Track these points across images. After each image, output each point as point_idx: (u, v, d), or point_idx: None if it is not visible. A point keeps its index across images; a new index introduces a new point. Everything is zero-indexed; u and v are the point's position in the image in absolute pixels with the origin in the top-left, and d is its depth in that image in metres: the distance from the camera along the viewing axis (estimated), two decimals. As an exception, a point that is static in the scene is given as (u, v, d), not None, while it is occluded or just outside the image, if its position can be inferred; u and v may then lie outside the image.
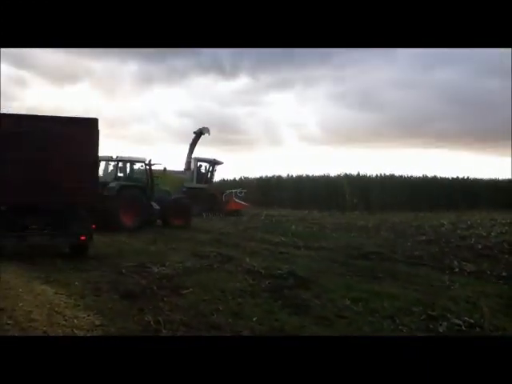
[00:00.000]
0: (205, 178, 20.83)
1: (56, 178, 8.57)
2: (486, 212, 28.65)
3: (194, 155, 21.09)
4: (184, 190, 18.27)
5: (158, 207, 15.08)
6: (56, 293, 5.97)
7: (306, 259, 9.03)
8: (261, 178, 32.57)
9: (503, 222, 20.17)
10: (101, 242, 11.57)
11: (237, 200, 22.76)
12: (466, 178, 35.41)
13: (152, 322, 4.62)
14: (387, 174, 32.34)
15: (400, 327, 4.51)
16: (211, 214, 20.32)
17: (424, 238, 13.05)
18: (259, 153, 63.71)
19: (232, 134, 52.21)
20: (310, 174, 31.78)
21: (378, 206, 29.00)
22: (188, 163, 20.61)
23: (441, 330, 4.37)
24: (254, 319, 4.78)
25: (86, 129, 9.08)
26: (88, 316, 4.92)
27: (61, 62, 49.66)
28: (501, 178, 38.67)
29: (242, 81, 55.90)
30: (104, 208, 12.60)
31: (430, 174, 33.73)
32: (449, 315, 4.76)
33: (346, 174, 30.99)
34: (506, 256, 9.58)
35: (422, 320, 4.72)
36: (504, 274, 7.52)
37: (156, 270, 7.62)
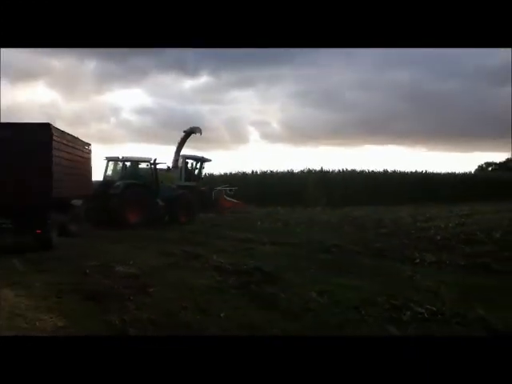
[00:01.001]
0: (193, 176, 20.29)
1: (2, 181, 9.48)
2: (443, 205, 29.79)
3: (181, 153, 20.77)
4: (174, 187, 18.07)
5: (163, 204, 15.69)
6: (17, 295, 5.79)
7: (271, 255, 9.11)
8: (225, 174, 32.52)
9: (460, 213, 21.02)
10: (65, 242, 11.33)
11: (227, 198, 22.44)
12: (424, 172, 36.63)
13: (117, 322, 4.55)
14: (349, 169, 33.00)
15: (365, 317, 4.64)
16: (203, 212, 19.34)
17: (385, 230, 13.41)
18: (223, 150, 63.67)
19: (194, 131, 51.85)
20: (274, 171, 31.97)
21: (340, 201, 29.51)
22: (175, 161, 20.26)
23: (404, 319, 4.52)
24: (222, 315, 4.80)
25: (34, 134, 9.83)
26: (50, 318, 4.80)
27: (17, 60, 47.83)
28: (457, 171, 40.38)
29: (204, 79, 55.65)
30: (110, 206, 14.20)
31: (390, 169, 34.64)
32: (412, 304, 4.93)
33: (309, 170, 31.37)
34: (463, 246, 10.00)
35: (386, 310, 4.87)
36: (462, 263, 7.83)
37: (121, 269, 7.50)
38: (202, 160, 20.49)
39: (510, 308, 5.01)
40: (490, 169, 71.72)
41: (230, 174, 30.76)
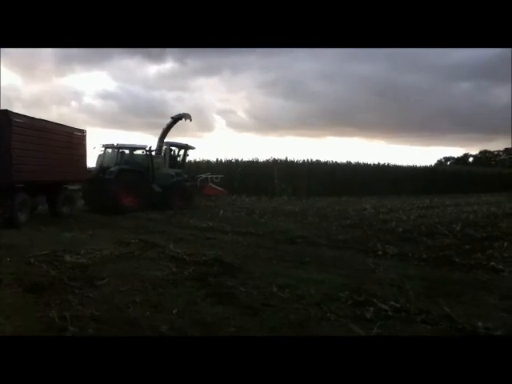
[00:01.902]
0: (177, 163, 19.78)
1: None
2: (405, 197, 30.30)
3: (165, 140, 20.14)
4: (172, 174, 18.32)
5: (159, 190, 16.38)
6: None
7: (232, 245, 8.77)
8: (190, 161, 31.82)
9: (421, 205, 21.35)
10: (11, 230, 10.64)
11: (213, 185, 22.06)
12: (387, 164, 37.13)
13: (57, 319, 4.10)
14: (314, 160, 32.98)
15: (328, 314, 4.36)
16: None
17: (348, 222, 13.32)
18: (189, 138, 62.68)
19: (159, 117, 50.78)
20: (240, 159, 31.54)
21: (304, 191, 29.52)
22: (159, 148, 19.64)
23: (368, 316, 4.27)
24: (174, 312, 4.42)
25: None
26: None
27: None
28: (418, 165, 41.20)
29: (170, 65, 54.21)
30: (104, 190, 14.83)
31: (353, 161, 34.89)
32: (375, 300, 4.69)
33: (274, 160, 31.13)
34: (425, 238, 9.96)
35: (348, 306, 4.61)
36: (424, 256, 7.73)
37: (69, 259, 6.99)
38: (186, 147, 19.96)
39: (474, 303, 4.87)
40: (448, 163, 74.15)
41: (195, 161, 30.08)
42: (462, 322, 4.13)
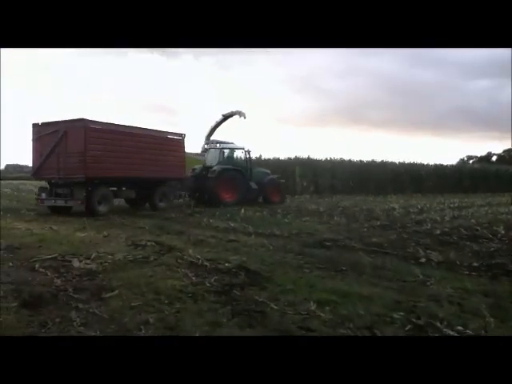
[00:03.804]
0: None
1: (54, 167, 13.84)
2: (431, 196, 29.11)
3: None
4: (267, 172, 20.27)
5: (256, 187, 18.57)
6: None
7: (257, 248, 7.97)
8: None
9: (451, 205, 20.27)
10: (23, 229, 10.09)
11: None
12: (412, 162, 35.91)
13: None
14: (337, 158, 32.01)
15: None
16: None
17: (378, 223, 12.42)
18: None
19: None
20: (260, 157, 30.72)
21: (327, 189, 28.63)
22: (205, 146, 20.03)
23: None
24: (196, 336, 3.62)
25: (73, 126, 13.37)
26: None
27: None
28: (445, 163, 39.80)
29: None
30: (208, 187, 17.23)
31: (378, 159, 33.81)
32: (438, 324, 3.81)
33: (296, 157, 30.26)
34: (468, 243, 9.01)
35: (407, 331, 3.75)
36: (475, 264, 6.80)
37: (77, 264, 6.28)
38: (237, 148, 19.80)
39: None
40: (470, 162, 72.13)
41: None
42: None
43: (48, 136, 13.47)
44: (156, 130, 15.82)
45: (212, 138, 20.23)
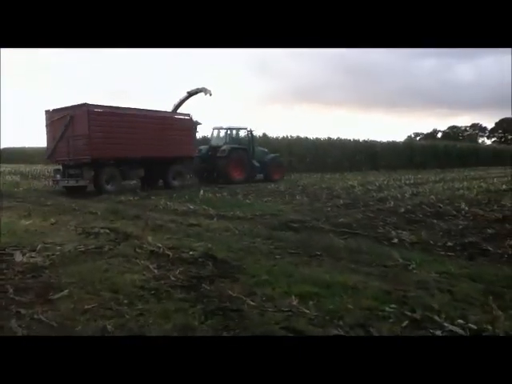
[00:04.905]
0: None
1: (64, 146, 14.93)
2: (386, 172, 29.49)
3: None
4: (266, 151, 21.44)
5: (257, 164, 19.71)
6: None
7: (221, 233, 7.43)
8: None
9: (407, 182, 20.43)
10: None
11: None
12: (367, 140, 36.22)
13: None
14: (293, 136, 31.69)
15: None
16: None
17: (341, 201, 12.16)
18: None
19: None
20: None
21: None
22: None
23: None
24: (164, 345, 3.07)
25: (75, 111, 14.37)
26: None
27: None
28: (397, 140, 40.52)
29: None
30: (218, 166, 18.49)
31: (334, 137, 33.80)
32: (436, 318, 3.44)
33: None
34: (435, 220, 8.87)
35: (404, 328, 3.35)
36: (450, 243, 6.58)
37: (20, 258, 5.52)
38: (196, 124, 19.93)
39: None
40: (418, 138, 74.30)
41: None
42: None
43: (58, 121, 14.48)
44: (161, 111, 16.79)
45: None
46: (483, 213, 9.76)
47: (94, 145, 13.82)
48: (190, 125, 17.35)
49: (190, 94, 19.62)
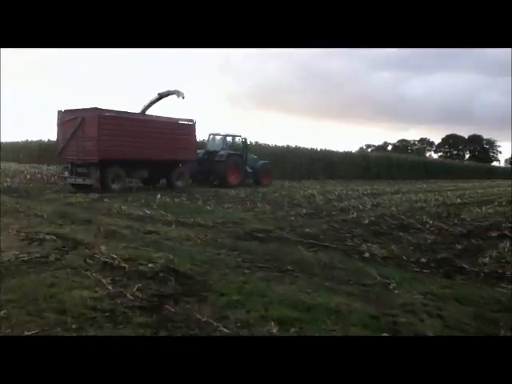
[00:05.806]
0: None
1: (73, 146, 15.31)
2: (343, 182, 29.70)
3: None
4: (256, 158, 22.35)
5: (250, 170, 20.90)
6: None
7: (182, 242, 6.86)
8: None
9: (365, 193, 20.53)
10: None
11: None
12: (324, 149, 36.46)
13: None
14: (252, 141, 31.34)
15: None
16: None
17: (304, 210, 11.86)
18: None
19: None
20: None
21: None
22: None
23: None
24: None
25: (85, 114, 15.00)
26: None
27: None
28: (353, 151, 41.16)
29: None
30: (216, 170, 19.35)
31: (292, 144, 33.77)
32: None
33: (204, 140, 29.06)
34: (401, 233, 8.71)
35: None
36: (423, 260, 6.35)
37: None
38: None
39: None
40: (369, 150, 76.26)
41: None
42: None
43: (69, 122, 15.01)
44: (167, 117, 17.43)
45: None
46: (447, 227, 9.73)
47: (102, 147, 14.51)
48: (193, 130, 18.11)
49: (161, 96, 18.65)
